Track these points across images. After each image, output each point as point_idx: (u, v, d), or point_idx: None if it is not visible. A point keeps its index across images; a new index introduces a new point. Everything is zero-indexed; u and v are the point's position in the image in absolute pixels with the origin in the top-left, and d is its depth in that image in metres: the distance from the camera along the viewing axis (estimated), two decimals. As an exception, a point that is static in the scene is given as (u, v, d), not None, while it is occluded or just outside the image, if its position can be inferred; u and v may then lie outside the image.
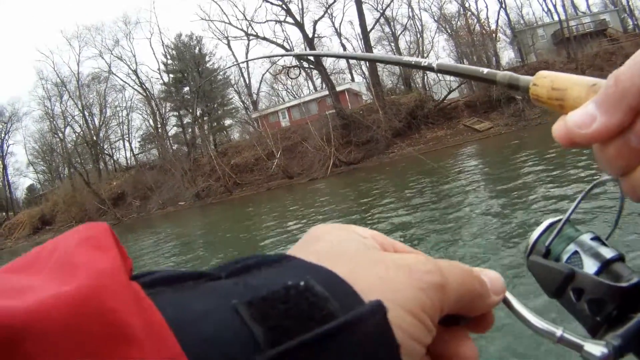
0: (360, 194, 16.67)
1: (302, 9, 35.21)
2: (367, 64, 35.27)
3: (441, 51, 47.67)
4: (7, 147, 52.13)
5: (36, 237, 43.94)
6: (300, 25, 34.94)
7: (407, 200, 11.84)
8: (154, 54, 54.47)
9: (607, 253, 0.44)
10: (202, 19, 38.15)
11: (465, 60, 36.76)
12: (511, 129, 31.86)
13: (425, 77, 37.28)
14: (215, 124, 39.36)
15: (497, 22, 36.23)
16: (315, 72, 36.60)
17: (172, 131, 41.62)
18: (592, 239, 0.46)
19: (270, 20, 36.33)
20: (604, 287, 0.40)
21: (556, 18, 38.82)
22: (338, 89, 35.00)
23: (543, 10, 43.43)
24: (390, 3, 36.25)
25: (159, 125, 40.04)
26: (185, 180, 37.04)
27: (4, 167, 51.93)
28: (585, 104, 0.31)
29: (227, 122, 40.89)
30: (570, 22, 38.13)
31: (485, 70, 0.52)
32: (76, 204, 42.28)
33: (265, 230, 13.90)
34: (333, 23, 38.75)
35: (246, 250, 11.30)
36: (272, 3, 35.58)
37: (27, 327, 0.15)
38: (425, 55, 36.89)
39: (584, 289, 0.42)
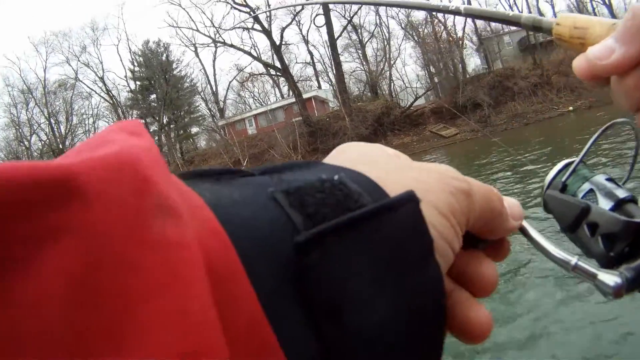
0: None
1: (270, 16, 35.05)
2: (335, 71, 35.26)
3: (408, 58, 47.87)
4: (-29, 156, 51.24)
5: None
6: (267, 33, 34.77)
7: None
8: (121, 60, 53.95)
9: (621, 193, 0.45)
10: (170, 25, 37.71)
11: (432, 68, 36.88)
12: (477, 134, 32.00)
13: (392, 85, 37.38)
14: (181, 131, 38.92)
15: (463, 29, 36.36)
16: (282, 79, 36.46)
17: (139, 139, 40.90)
18: (606, 179, 0.47)
19: (238, 27, 36.10)
20: (619, 222, 0.41)
21: (522, 25, 39.08)
22: (305, 96, 34.85)
23: (510, 17, 43.61)
24: (357, 10, 36.26)
25: (126, 133, 39.43)
26: (152, 189, 36.54)
27: (-31, 178, 50.77)
28: (605, 39, 0.31)
29: (194, 130, 40.51)
30: (535, 28, 38.43)
31: (511, 13, 0.52)
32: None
33: None
34: (300, 30, 38.65)
35: None
36: (240, 10, 35.40)
37: (75, 177, 0.15)
38: (392, 62, 37.00)
39: (598, 223, 0.42)
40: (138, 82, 39.94)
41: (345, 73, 35.51)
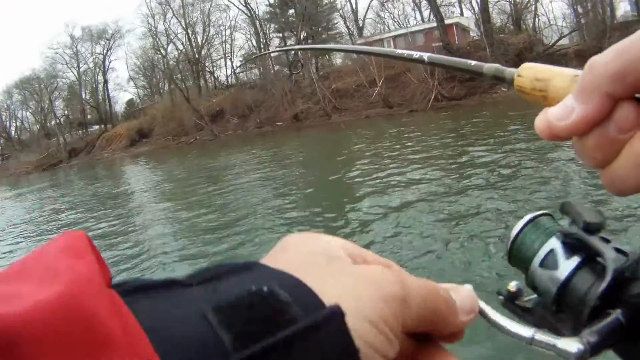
0: (459, 134, 16.63)
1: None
2: (479, 0, 34.99)
3: None
4: (109, 62, 55.41)
5: (133, 149, 46.61)
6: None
7: (502, 144, 11.84)
8: None
9: (592, 241, 0.42)
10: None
11: (579, 7, 35.72)
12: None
13: (537, 19, 36.67)
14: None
15: (618, -32, 34.83)
16: (424, 2, 36.65)
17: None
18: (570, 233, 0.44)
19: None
20: (587, 279, 0.40)
21: None
22: (446, 22, 35.04)
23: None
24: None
25: (262, 46, 41.43)
26: (285, 101, 38.53)
27: (105, 82, 55.37)
28: (565, 98, 0.31)
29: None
30: None
31: (473, 62, 0.56)
32: (174, 119, 44.29)
33: (357, 158, 14.19)
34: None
35: (332, 178, 11.60)
36: None
37: (18, 333, 0.16)
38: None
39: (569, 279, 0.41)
40: (277, -3, 41.34)
41: (489, 2, 35.20)
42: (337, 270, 0.30)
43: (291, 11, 40.97)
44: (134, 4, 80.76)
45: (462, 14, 38.86)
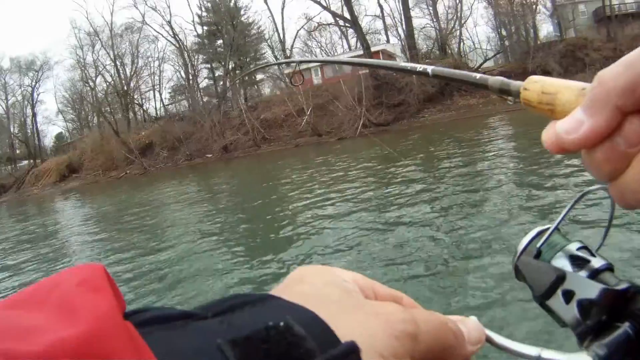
0: (387, 157, 16.49)
1: (342, -35, 34.99)
2: (404, 26, 35.13)
3: (479, 18, 46.91)
4: (38, 95, 53.07)
5: (62, 184, 44.71)
6: (338, -18, 34.79)
7: (432, 169, 12.06)
8: (189, 5, 54.92)
9: (596, 263, 0.44)
10: (240, -29, 37.94)
11: (503, 30, 36.36)
12: (543, 103, 31.67)
13: (462, 44, 37.05)
14: (246, 77, 39.57)
15: (538, -7, 35.72)
16: (350, 31, 36.45)
17: (204, 83, 41.98)
18: (579, 248, 0.46)
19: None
20: (596, 289, 0.40)
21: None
22: (373, 49, 34.88)
23: (586, -15, 42.52)
24: (432, -35, 35.88)
25: (191, 77, 40.33)
26: (214, 133, 37.36)
27: (34, 115, 52.93)
28: (573, 111, 0.31)
29: (259, 76, 41.10)
30: (612, 1, 37.41)
31: (478, 75, 0.53)
32: (104, 153, 42.80)
33: (287, 186, 14.09)
34: (372, -19, 38.48)
35: (265, 207, 11.42)
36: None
37: None
38: (462, 22, 36.53)
39: (574, 291, 0.42)
40: (205, 27, 40.58)
41: (414, 29, 35.37)
42: (351, 305, 0.30)
43: (219, 42, 40.19)
44: (63, 35, 78.71)
45: (388, 40, 38.98)
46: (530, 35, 35.30)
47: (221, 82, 38.10)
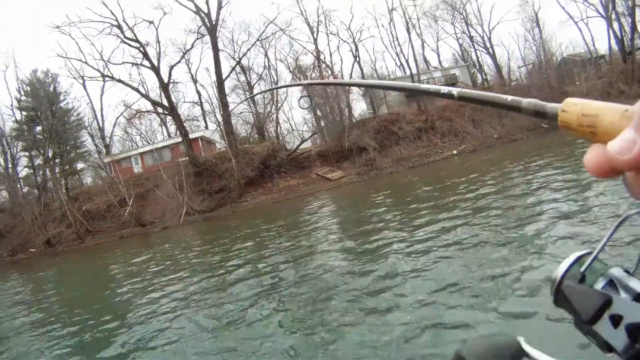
0: (212, 244, 17.12)
1: (159, 53, 35.29)
2: (222, 112, 36.00)
3: (295, 101, 49.32)
4: None
5: None
6: (156, 70, 34.94)
7: (260, 248, 12.57)
8: (8, 88, 52.01)
9: (639, 286, 0.43)
10: (59, 55, 36.91)
11: (319, 111, 38.48)
12: (363, 177, 33.77)
13: (279, 127, 38.70)
14: (67, 167, 38.13)
15: (350, 75, 38.28)
16: (169, 118, 36.72)
17: (23, 172, 39.70)
18: (620, 271, 0.46)
19: (127, 63, 36.03)
20: None
21: (408, 72, 41.66)
22: (192, 136, 35.38)
23: (396, 64, 46.34)
24: (246, 52, 37.24)
25: (10, 166, 38.16)
26: (36, 226, 35.57)
27: None
28: (623, 132, 0.30)
29: (80, 165, 39.85)
30: (421, 76, 41.11)
31: (510, 97, 0.52)
32: None
33: (114, 283, 13.71)
34: (190, 69, 39.03)
35: (94, 306, 10.78)
36: (129, 45, 35.32)
37: None
38: (280, 105, 38.26)
39: (622, 315, 0.41)
40: (24, 112, 38.63)
41: (232, 114, 36.40)
42: None
43: (38, 128, 38.61)
44: None
45: (207, 127, 39.74)
46: (345, 114, 37.67)
47: (40, 172, 36.55)
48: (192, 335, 6.35)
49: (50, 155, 36.58)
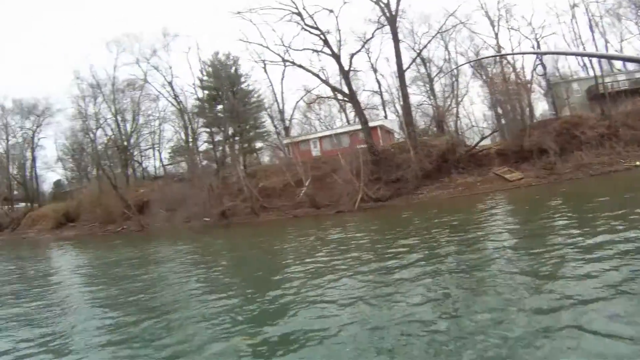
0: (387, 233, 16.66)
1: (340, 41, 35.68)
2: (402, 102, 35.71)
3: (475, 96, 47.87)
4: (38, 140, 53.31)
5: (58, 231, 44.66)
6: (336, 57, 35.26)
7: (430, 248, 11.64)
8: (190, 68, 55.06)
9: None
10: (241, 40, 38.56)
11: (499, 109, 37.05)
12: (542, 181, 32.00)
13: (458, 122, 37.72)
14: (246, 145, 39.86)
15: (532, 72, 36.61)
16: (349, 105, 37.03)
17: (203, 147, 42.21)
18: None
19: (308, 49, 36.74)
20: None
21: (592, 73, 38.99)
22: (371, 124, 35.38)
23: (579, 64, 43.50)
24: (427, 44, 36.69)
25: (190, 139, 40.62)
26: (212, 197, 37.56)
27: (33, 159, 53.09)
28: None
29: (258, 144, 41.45)
30: (605, 79, 38.28)
31: None
32: (101, 206, 42.45)
33: (285, 259, 13.79)
34: (369, 58, 39.12)
35: (261, 276, 11.14)
36: (310, 32, 36.01)
37: None
38: (459, 100, 37.33)
39: None
40: (206, 91, 40.93)
41: (411, 106, 35.99)
42: None
43: (219, 107, 40.60)
44: (66, 83, 79.43)
45: (386, 116, 39.55)
46: (525, 113, 35.95)
47: (220, 147, 38.47)
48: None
49: (230, 132, 38.40)
